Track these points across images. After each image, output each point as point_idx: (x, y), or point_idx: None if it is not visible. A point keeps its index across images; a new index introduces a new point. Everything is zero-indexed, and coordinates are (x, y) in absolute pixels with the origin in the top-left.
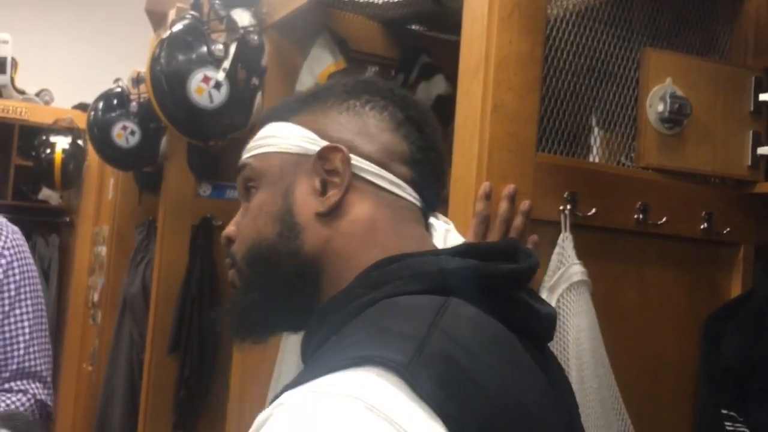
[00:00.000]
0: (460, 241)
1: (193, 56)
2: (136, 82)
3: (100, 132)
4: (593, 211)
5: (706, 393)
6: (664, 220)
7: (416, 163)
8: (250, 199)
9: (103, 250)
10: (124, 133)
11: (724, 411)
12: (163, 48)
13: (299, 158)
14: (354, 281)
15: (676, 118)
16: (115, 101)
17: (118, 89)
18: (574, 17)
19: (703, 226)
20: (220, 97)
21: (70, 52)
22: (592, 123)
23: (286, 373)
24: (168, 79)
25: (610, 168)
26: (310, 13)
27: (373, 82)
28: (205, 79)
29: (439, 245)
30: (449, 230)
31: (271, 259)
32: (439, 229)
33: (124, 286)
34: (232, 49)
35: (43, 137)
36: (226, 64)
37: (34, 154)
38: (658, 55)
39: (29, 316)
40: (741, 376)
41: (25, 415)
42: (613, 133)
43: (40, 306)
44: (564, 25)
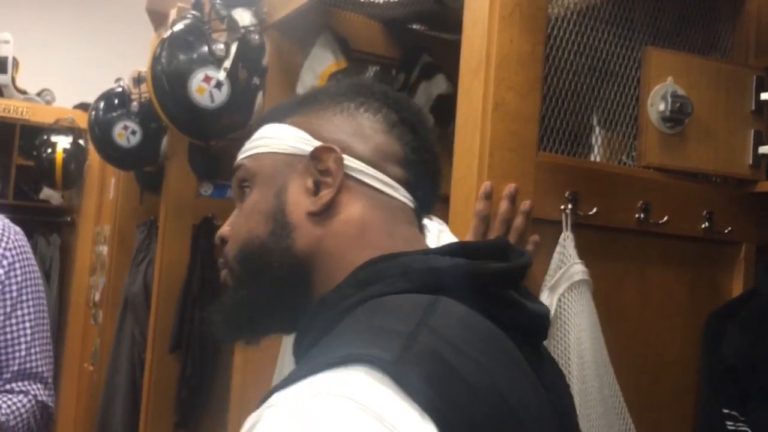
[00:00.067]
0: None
1: (194, 56)
2: (137, 81)
3: (101, 132)
4: (594, 210)
5: (708, 392)
6: (666, 219)
7: (410, 165)
8: (244, 200)
9: (105, 250)
10: (125, 133)
11: (725, 410)
12: (164, 48)
13: (293, 158)
14: (344, 281)
15: (678, 117)
16: (116, 101)
17: (119, 89)
18: (575, 16)
19: (704, 226)
20: (221, 96)
21: (71, 51)
22: (594, 122)
23: (288, 372)
24: (169, 79)
25: (612, 167)
26: (311, 13)
27: (367, 85)
28: (206, 79)
29: (433, 246)
30: (442, 231)
31: (262, 258)
32: (432, 230)
33: (126, 286)
34: (233, 48)
35: (45, 137)
36: (227, 64)
37: (35, 153)
38: (660, 54)
39: (31, 318)
40: (742, 375)
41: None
42: (615, 132)
43: (41, 307)
44: (565, 24)
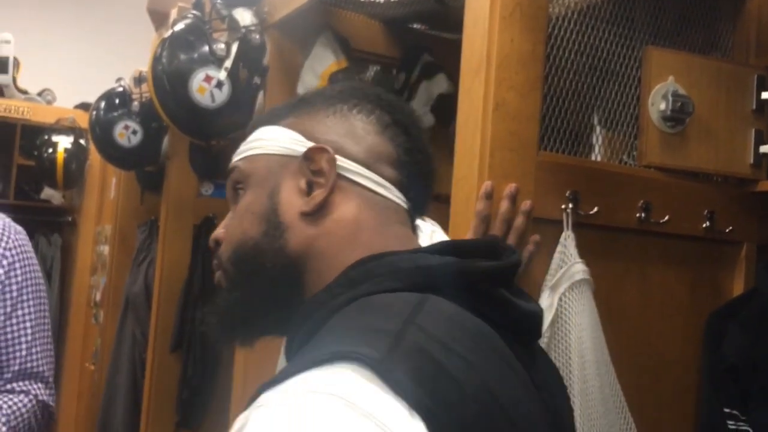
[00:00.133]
0: None
1: (195, 56)
2: (138, 81)
3: (102, 131)
4: (595, 209)
5: (709, 391)
6: (666, 218)
7: (403, 165)
8: (238, 202)
9: (106, 250)
10: (126, 133)
11: (726, 410)
12: (165, 47)
13: (286, 159)
14: (334, 280)
15: (678, 116)
16: (117, 101)
17: (120, 89)
18: (576, 16)
19: (705, 225)
20: (222, 96)
21: (72, 51)
22: (594, 121)
23: None
24: (170, 79)
25: (612, 167)
26: (311, 12)
27: (360, 87)
28: (207, 79)
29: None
30: (435, 231)
31: (256, 258)
32: (425, 231)
33: (127, 286)
34: (234, 48)
35: (45, 137)
36: (228, 64)
37: (36, 153)
38: (661, 54)
39: (31, 317)
40: (743, 374)
41: None
42: (615, 132)
43: (42, 307)
44: (566, 24)
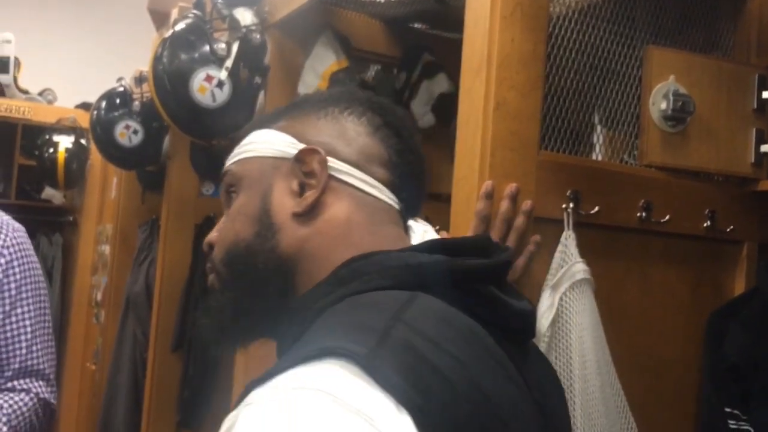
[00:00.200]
0: None
1: (196, 55)
2: (139, 81)
3: (102, 131)
4: (596, 209)
5: (710, 391)
6: (667, 218)
7: (394, 167)
8: (231, 205)
9: (107, 249)
10: (127, 132)
11: (727, 409)
12: (166, 47)
13: (278, 161)
14: (323, 279)
15: (679, 115)
16: (118, 100)
17: (121, 88)
18: (577, 15)
19: (706, 224)
20: (223, 96)
21: (72, 51)
22: (595, 121)
23: None
24: (170, 78)
25: (613, 166)
26: (312, 12)
27: (351, 91)
28: (208, 78)
29: None
30: (426, 231)
31: (248, 259)
32: (417, 231)
33: (128, 285)
34: (235, 48)
35: (46, 136)
36: (229, 63)
37: (37, 153)
38: (661, 53)
39: (31, 315)
40: (744, 374)
41: None
42: (616, 131)
43: (42, 304)
44: (566, 23)
